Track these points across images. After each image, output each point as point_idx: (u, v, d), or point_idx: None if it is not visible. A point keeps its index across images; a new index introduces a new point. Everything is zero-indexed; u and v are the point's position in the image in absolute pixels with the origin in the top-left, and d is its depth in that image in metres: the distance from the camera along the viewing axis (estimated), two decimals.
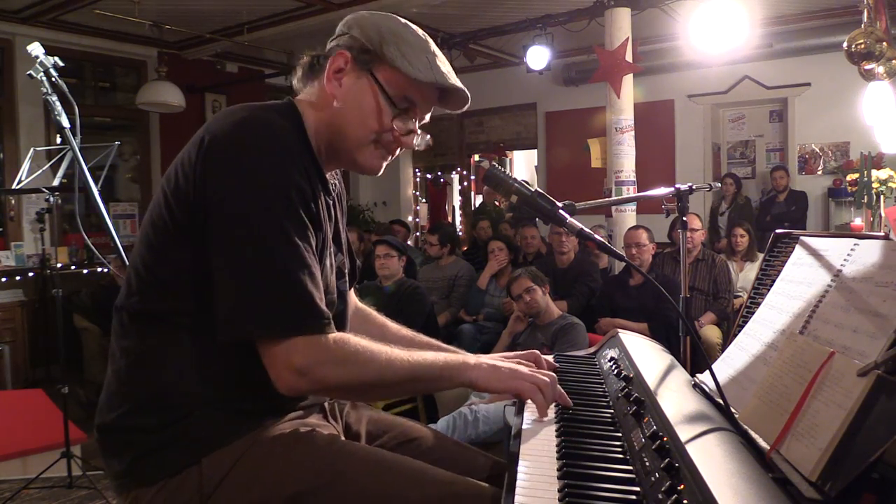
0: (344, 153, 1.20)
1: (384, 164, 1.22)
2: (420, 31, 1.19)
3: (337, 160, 1.23)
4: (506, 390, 1.17)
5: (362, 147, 1.17)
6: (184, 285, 1.06)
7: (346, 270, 1.32)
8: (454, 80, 1.18)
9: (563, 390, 1.19)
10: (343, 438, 1.19)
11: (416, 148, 1.23)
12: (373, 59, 1.15)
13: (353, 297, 1.45)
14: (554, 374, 1.19)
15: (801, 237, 1.26)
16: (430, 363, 1.12)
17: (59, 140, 2.67)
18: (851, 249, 1.08)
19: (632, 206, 5.45)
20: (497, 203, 8.56)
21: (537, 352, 1.36)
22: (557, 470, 0.95)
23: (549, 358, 1.41)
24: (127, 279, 1.14)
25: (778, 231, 1.44)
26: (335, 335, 1.05)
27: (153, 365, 1.08)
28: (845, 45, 3.59)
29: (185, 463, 1.05)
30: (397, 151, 1.22)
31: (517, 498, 0.87)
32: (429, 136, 1.23)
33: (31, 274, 5.79)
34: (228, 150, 1.04)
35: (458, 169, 9.60)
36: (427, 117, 1.23)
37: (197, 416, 1.04)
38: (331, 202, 1.22)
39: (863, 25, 3.58)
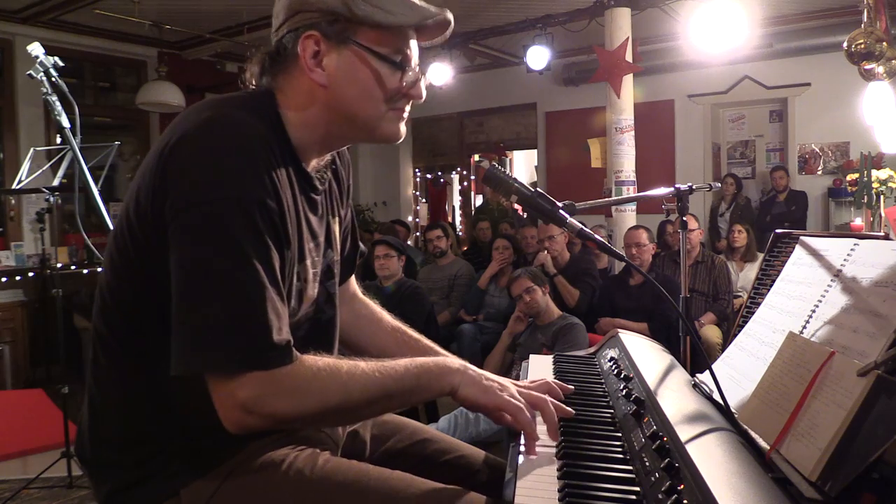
0: (359, 132, 1.11)
1: (402, 127, 1.11)
2: None
3: (346, 140, 1.15)
4: (489, 405, 1.05)
5: (379, 119, 1.08)
6: (148, 312, 0.96)
7: (337, 268, 1.23)
8: (435, 9, 1.06)
9: (558, 408, 1.09)
10: (328, 456, 1.10)
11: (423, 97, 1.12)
12: (346, 26, 1.02)
13: (352, 286, 1.40)
14: (545, 397, 1.09)
15: (801, 237, 1.26)
16: (402, 373, 1.01)
17: (59, 140, 2.66)
18: (851, 249, 1.09)
19: (632, 206, 5.46)
20: (500, 202, 8.55)
21: (551, 383, 1.25)
22: (557, 470, 0.95)
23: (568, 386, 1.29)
24: (96, 300, 1.06)
25: (778, 231, 1.45)
26: (290, 364, 0.93)
27: (123, 397, 1.03)
28: (845, 45, 3.59)
29: (164, 496, 1.01)
30: (409, 105, 1.12)
31: (517, 498, 0.87)
32: (428, 79, 1.12)
33: (31, 274, 5.78)
34: (189, 158, 0.93)
35: (458, 169, 9.61)
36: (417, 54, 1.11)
37: (173, 448, 0.94)
38: (318, 199, 1.13)
39: (863, 25, 3.58)
